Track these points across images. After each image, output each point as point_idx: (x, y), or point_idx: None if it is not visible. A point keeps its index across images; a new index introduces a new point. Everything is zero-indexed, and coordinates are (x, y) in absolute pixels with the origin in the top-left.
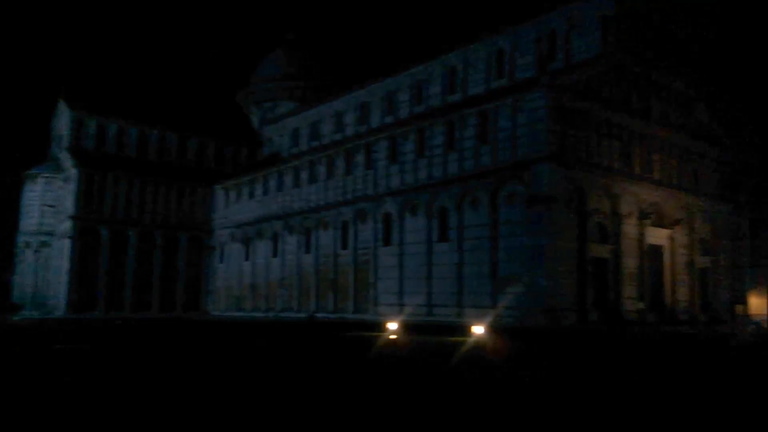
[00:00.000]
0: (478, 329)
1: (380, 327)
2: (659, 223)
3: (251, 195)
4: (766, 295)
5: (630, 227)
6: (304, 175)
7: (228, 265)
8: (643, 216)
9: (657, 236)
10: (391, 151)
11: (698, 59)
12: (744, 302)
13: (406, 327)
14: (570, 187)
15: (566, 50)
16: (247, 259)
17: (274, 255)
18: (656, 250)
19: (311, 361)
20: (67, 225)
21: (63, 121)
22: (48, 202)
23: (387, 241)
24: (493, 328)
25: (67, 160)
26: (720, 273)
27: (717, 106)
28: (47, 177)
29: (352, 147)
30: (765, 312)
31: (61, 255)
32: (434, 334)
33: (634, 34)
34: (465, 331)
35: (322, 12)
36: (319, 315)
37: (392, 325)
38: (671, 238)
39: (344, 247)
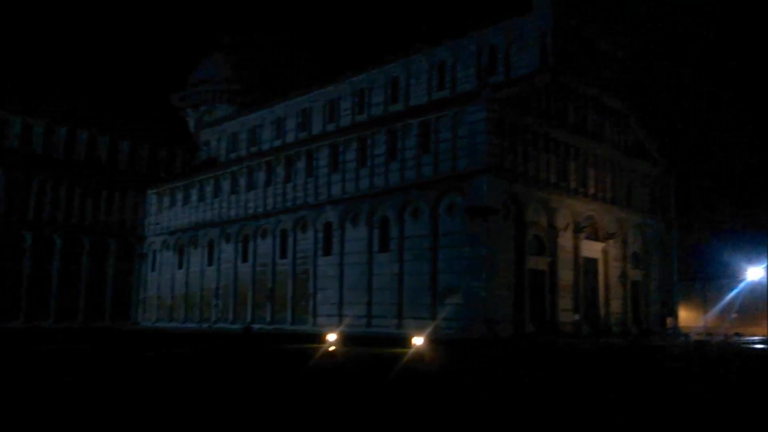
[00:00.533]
0: (417, 340)
1: (319, 338)
2: (594, 237)
3: (186, 200)
4: (695, 308)
5: (566, 240)
6: (242, 181)
7: (160, 274)
8: (578, 229)
9: (591, 249)
10: (332, 159)
11: (632, 77)
12: (674, 315)
13: (345, 338)
14: (509, 200)
15: (506, 64)
16: (180, 267)
17: (210, 263)
18: (591, 263)
19: (243, 374)
20: None
21: None
22: None
23: (327, 251)
24: (432, 340)
25: None
26: (651, 286)
27: (650, 123)
28: None
29: (292, 154)
30: (694, 324)
31: None
32: (374, 346)
33: (571, 51)
34: (405, 342)
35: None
36: (255, 326)
37: (331, 337)
38: (605, 251)
39: (283, 256)
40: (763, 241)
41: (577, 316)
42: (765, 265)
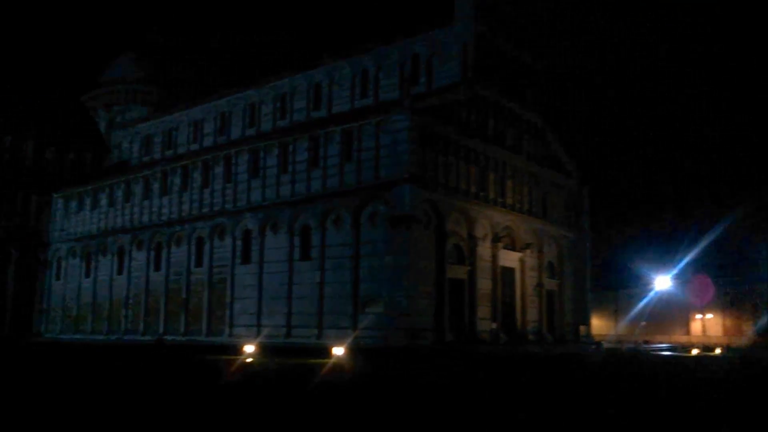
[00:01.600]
0: (338, 351)
1: (236, 350)
2: (511, 247)
3: (95, 205)
4: (607, 317)
5: (485, 249)
6: (156, 186)
7: (66, 282)
8: (496, 239)
9: (509, 259)
10: (252, 165)
11: (550, 90)
12: (587, 323)
13: (263, 349)
14: (430, 209)
15: (428, 74)
16: (87, 275)
17: (119, 272)
18: (508, 272)
19: (152, 389)
20: None
21: None
22: None
23: (246, 259)
24: (353, 350)
25: None
26: (566, 295)
27: (566, 136)
28: None
29: (210, 158)
30: (606, 333)
31: None
32: (293, 357)
33: (492, 63)
34: (325, 352)
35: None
36: (168, 338)
37: (249, 348)
38: (522, 261)
39: (199, 264)
40: (671, 252)
41: (494, 325)
42: (672, 274)
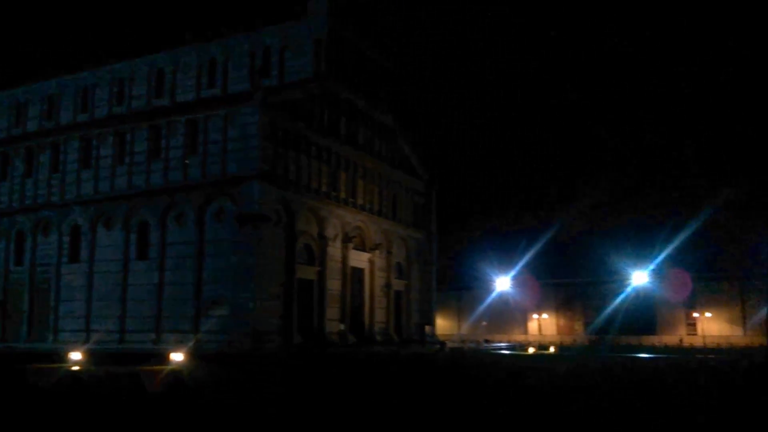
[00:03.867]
0: (177, 356)
1: (60, 357)
2: (361, 247)
3: None
4: (451, 317)
5: (335, 250)
6: None
7: None
8: (347, 239)
9: (359, 259)
10: (83, 154)
11: (402, 92)
12: (432, 323)
13: (92, 356)
14: (280, 208)
15: (280, 68)
16: None
17: None
18: (358, 273)
19: None
20: None
21: None
22: None
23: (74, 258)
24: (194, 355)
25: None
26: (412, 296)
27: (416, 138)
28: None
29: (35, 145)
30: (450, 332)
31: None
32: (126, 364)
33: (345, 62)
34: (163, 358)
35: None
36: None
37: (75, 355)
38: (371, 262)
39: (18, 263)
40: (510, 254)
41: (342, 326)
42: (511, 276)
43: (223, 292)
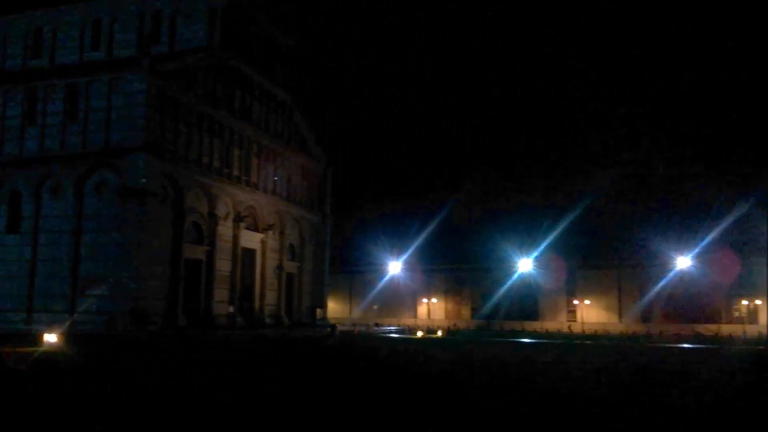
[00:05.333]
0: (50, 338)
1: None
2: (254, 227)
3: None
4: (343, 300)
5: (226, 229)
6: None
7: None
8: (239, 218)
9: (251, 240)
10: None
11: (301, 70)
12: (323, 307)
13: None
14: (167, 183)
15: (171, 35)
16: None
17: None
18: (249, 254)
19: None
20: None
21: None
22: None
23: None
24: (70, 336)
25: None
26: (305, 278)
27: (313, 117)
28: None
29: None
30: (342, 316)
31: None
32: None
33: (242, 34)
34: (34, 340)
35: None
36: None
37: None
38: (264, 243)
39: None
40: (403, 238)
41: (232, 308)
42: (402, 260)
43: (102, 271)
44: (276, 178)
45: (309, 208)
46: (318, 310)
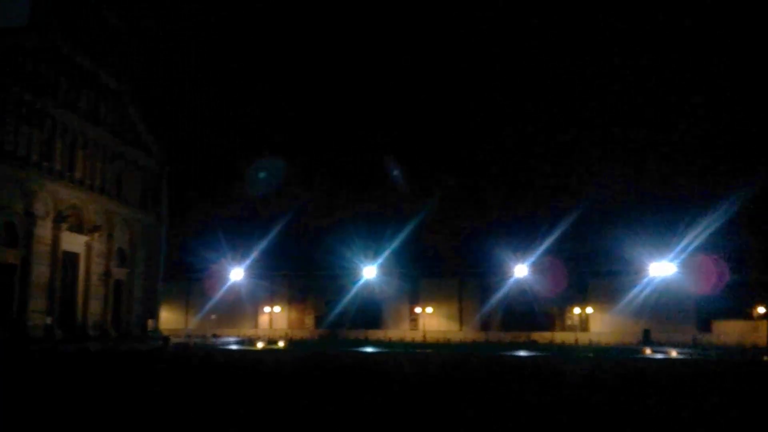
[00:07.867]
0: None
1: None
2: (77, 229)
3: None
4: (179, 309)
5: (45, 230)
6: None
7: None
8: (60, 218)
9: (74, 243)
10: None
11: (138, 62)
12: (155, 317)
13: None
14: None
15: None
16: None
17: None
18: (72, 258)
19: None
20: None
21: None
22: None
23: None
24: None
25: None
26: (135, 285)
27: (150, 113)
28: None
29: None
30: (176, 327)
31: None
32: None
33: (71, 15)
34: None
35: None
36: None
37: None
38: (89, 246)
39: None
40: (246, 242)
41: (50, 320)
42: (245, 265)
43: None
44: (105, 176)
45: (142, 209)
46: (149, 321)
